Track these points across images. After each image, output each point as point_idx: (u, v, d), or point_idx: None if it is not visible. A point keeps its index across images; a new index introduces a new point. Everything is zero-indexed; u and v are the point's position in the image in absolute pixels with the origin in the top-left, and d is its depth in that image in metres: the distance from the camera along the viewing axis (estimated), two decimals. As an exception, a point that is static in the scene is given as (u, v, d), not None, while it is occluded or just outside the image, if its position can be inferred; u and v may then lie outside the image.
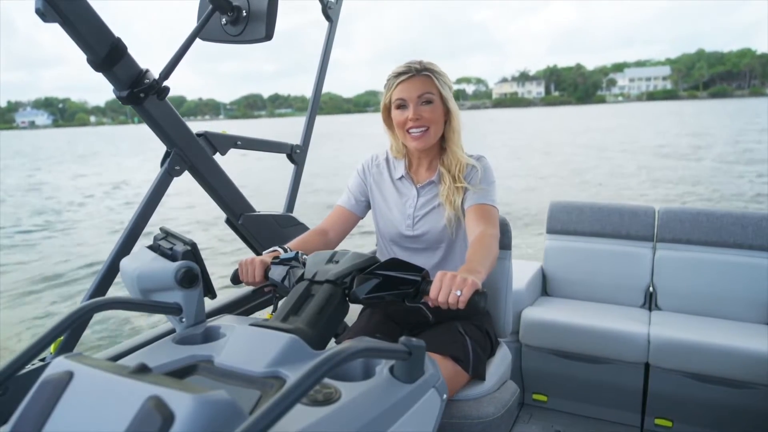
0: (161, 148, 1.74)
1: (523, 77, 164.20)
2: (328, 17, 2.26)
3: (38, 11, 1.26)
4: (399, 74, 1.57)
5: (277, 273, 1.33)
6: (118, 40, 1.43)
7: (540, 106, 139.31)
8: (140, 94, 1.52)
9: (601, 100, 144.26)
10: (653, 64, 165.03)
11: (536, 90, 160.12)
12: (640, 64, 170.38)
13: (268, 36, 1.60)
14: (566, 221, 2.85)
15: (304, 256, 1.35)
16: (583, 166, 16.95)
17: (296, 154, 2.28)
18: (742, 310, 2.48)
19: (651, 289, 2.72)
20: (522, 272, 2.70)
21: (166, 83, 1.57)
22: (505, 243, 1.78)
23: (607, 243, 2.77)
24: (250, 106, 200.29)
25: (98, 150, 40.02)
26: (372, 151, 1.83)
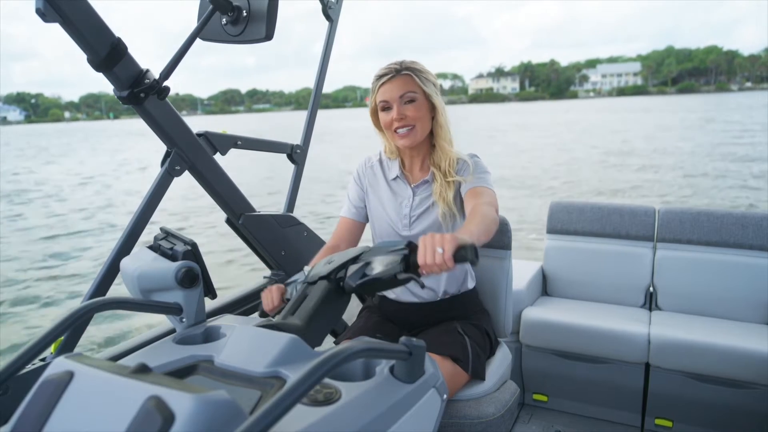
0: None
1: (499, 73, 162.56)
2: (328, 17, 2.26)
3: (38, 11, 1.26)
4: (380, 76, 1.59)
5: (291, 293, 1.40)
6: (119, 40, 1.43)
7: (515, 101, 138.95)
8: (140, 94, 1.52)
9: (574, 96, 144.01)
10: (624, 61, 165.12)
11: (511, 86, 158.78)
12: (612, 60, 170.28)
13: (268, 36, 1.60)
14: (566, 221, 2.84)
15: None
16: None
17: (296, 154, 2.28)
18: (743, 310, 2.47)
19: (651, 289, 2.71)
20: (522, 272, 2.69)
21: (166, 83, 1.58)
22: (504, 243, 1.77)
23: (608, 243, 2.76)
24: (228, 102, 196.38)
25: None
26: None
